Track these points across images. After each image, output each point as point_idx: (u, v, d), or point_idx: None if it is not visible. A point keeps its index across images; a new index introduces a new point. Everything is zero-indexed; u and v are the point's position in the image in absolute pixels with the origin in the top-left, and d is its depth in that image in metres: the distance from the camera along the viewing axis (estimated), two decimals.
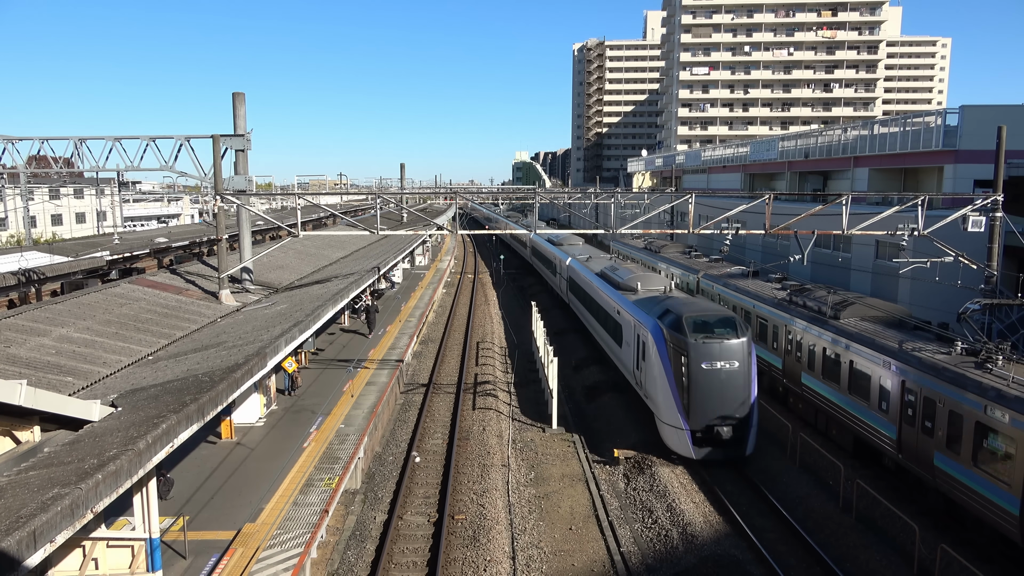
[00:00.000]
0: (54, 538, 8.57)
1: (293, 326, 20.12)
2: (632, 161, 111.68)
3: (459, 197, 27.99)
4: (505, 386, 30.41)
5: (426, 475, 21.22)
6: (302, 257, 40.50)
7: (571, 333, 39.90)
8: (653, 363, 22.35)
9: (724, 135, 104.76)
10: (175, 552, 14.36)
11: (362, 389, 25.96)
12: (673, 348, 21.34)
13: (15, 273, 28.05)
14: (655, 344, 22.23)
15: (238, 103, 28.04)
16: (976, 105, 36.91)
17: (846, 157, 46.71)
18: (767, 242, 45.43)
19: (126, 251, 39.91)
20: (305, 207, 70.96)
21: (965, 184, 35.08)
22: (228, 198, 26.46)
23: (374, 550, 16.87)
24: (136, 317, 21.83)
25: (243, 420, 21.78)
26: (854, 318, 22.48)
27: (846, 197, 23.53)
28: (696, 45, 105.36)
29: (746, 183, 65.14)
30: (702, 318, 21.75)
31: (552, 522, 18.72)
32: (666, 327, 21.94)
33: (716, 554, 16.37)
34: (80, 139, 28.53)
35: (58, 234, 73.75)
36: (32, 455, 11.18)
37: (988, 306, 20.68)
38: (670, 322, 22.01)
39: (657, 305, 24.14)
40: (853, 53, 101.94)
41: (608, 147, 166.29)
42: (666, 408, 21.48)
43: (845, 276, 37.51)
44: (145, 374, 16.42)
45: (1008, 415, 14.81)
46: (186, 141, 28.43)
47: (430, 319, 43.93)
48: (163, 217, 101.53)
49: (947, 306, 26.79)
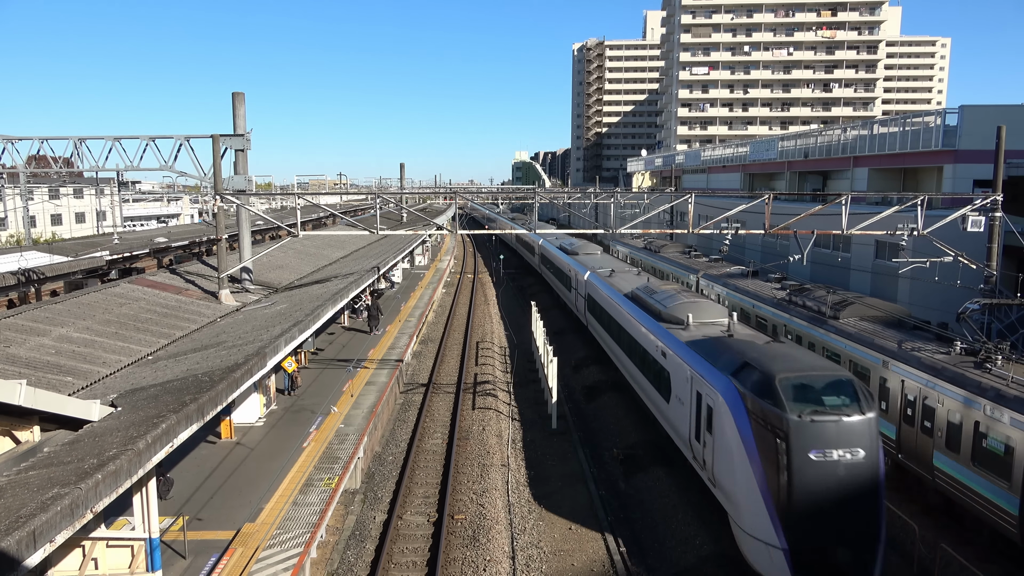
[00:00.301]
0: (54, 538, 8.57)
1: (293, 326, 20.12)
2: (632, 161, 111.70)
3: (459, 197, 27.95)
4: (505, 386, 30.41)
5: (426, 475, 21.22)
6: (302, 257, 40.51)
7: (571, 333, 39.91)
8: (728, 443, 15.50)
9: (724, 135, 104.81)
10: (175, 552, 14.36)
11: (362, 389, 25.96)
12: (761, 425, 14.55)
13: (15, 273, 28.07)
14: (732, 416, 15.37)
15: (238, 103, 28.05)
16: (975, 105, 36.95)
17: (846, 157, 46.73)
18: (767, 242, 45.44)
19: (126, 251, 39.92)
20: (305, 207, 70.99)
21: (964, 184, 35.10)
22: (228, 198, 26.47)
23: (374, 550, 16.88)
24: (136, 317, 21.83)
25: (243, 420, 21.78)
26: (853, 318, 22.48)
27: (845, 197, 23.53)
28: (696, 45, 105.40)
29: (746, 183, 65.17)
30: (805, 380, 14.88)
31: (552, 522, 18.73)
32: (749, 391, 15.10)
33: (716, 553, 16.37)
34: (80, 139, 28.54)
35: (58, 234, 73.74)
36: (32, 455, 11.18)
37: (987, 306, 20.70)
38: (755, 384, 15.13)
39: (726, 352, 17.46)
40: (852, 53, 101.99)
41: (608, 147, 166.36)
42: (749, 512, 14.68)
43: (845, 276, 37.52)
44: (145, 374, 16.42)
45: (1007, 415, 14.82)
46: (186, 141, 28.43)
47: (430, 319, 43.92)
48: (163, 217, 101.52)
49: (947, 306, 26.79)
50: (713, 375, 16.81)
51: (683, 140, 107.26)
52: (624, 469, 21.79)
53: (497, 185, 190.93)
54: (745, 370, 15.85)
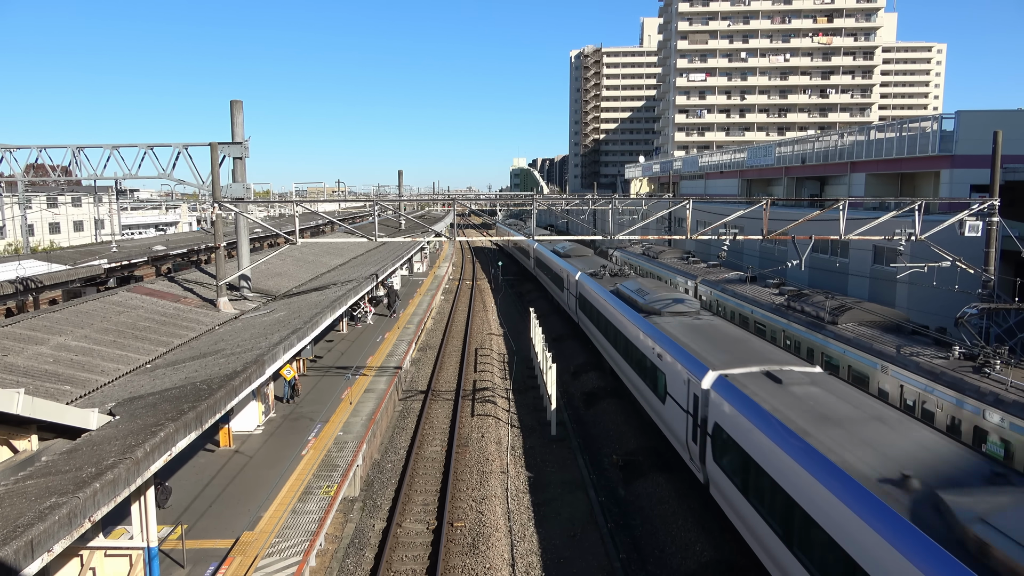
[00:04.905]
0: (51, 547, 8.53)
1: (291, 333, 20.09)
2: (630, 167, 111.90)
3: (457, 204, 27.90)
4: (504, 393, 30.37)
5: (425, 482, 21.17)
6: (300, 264, 40.49)
7: (569, 339, 39.89)
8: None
9: (721, 141, 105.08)
10: (173, 561, 14.31)
11: (360, 396, 25.91)
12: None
13: (13, 282, 28.05)
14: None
15: (236, 111, 28.08)
16: (972, 110, 37.06)
17: (843, 162, 46.85)
18: (765, 247, 45.49)
19: (124, 259, 39.91)
20: (303, 214, 71.04)
21: (962, 189, 35.18)
22: (226, 206, 26.47)
23: (373, 558, 16.82)
24: (134, 325, 21.80)
25: (241, 428, 21.73)
26: (852, 323, 22.51)
27: (843, 202, 23.58)
28: (693, 51, 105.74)
29: (743, 189, 65.28)
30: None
31: (552, 529, 18.68)
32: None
33: (716, 560, 16.33)
34: (78, 147, 28.54)
35: (56, 242, 73.68)
36: (30, 464, 11.15)
37: (985, 310, 20.73)
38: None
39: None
40: (849, 59, 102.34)
41: (606, 153, 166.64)
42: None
43: (843, 281, 37.56)
44: (143, 382, 16.38)
45: (1006, 419, 14.82)
46: (184, 149, 28.44)
47: (428, 326, 43.90)
48: (161, 225, 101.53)
49: (945, 310, 26.85)
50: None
51: (681, 146, 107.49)
52: (624, 475, 21.73)
53: (495, 192, 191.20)
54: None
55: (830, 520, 11.32)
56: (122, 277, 37.98)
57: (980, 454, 12.05)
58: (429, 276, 62.55)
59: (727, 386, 16.33)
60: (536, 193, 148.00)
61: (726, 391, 16.17)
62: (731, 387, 16.18)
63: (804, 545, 12.21)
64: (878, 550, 10.12)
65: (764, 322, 26.97)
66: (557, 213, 42.43)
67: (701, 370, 17.79)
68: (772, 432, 13.60)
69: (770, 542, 13.61)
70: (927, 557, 9.34)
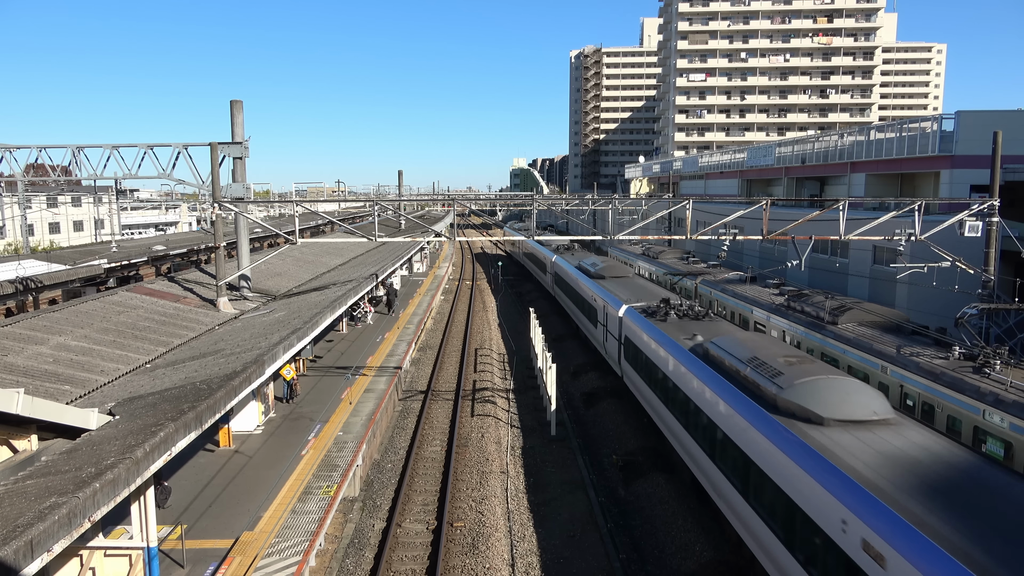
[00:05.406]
0: (51, 547, 8.53)
1: (291, 333, 20.09)
2: (630, 167, 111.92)
3: (457, 204, 27.82)
4: (504, 393, 30.37)
5: (425, 482, 21.17)
6: (300, 264, 40.48)
7: (569, 339, 39.89)
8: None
9: (721, 141, 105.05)
10: (173, 561, 14.30)
11: (360, 396, 25.91)
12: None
13: (12, 281, 28.05)
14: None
15: (236, 111, 28.08)
16: (972, 111, 37.06)
17: (843, 163, 46.84)
18: (765, 248, 45.49)
19: (124, 259, 39.92)
20: (303, 214, 71.01)
21: (962, 189, 35.18)
22: (226, 206, 26.46)
23: (373, 558, 16.82)
24: (134, 325, 21.79)
25: (241, 428, 21.73)
26: (852, 323, 22.51)
27: (843, 202, 23.58)
28: (693, 52, 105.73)
29: (743, 189, 65.28)
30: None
31: (551, 529, 18.67)
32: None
33: (716, 560, 16.32)
34: (78, 147, 28.53)
35: (56, 242, 73.67)
36: (29, 464, 11.15)
37: (985, 311, 20.73)
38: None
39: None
40: (849, 59, 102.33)
41: (606, 153, 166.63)
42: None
43: (843, 281, 37.56)
44: (143, 382, 16.38)
45: (1006, 419, 14.82)
46: (184, 149, 28.44)
47: (428, 326, 43.89)
48: (161, 225, 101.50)
49: (945, 311, 26.84)
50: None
51: (681, 146, 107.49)
52: (624, 476, 21.73)
53: (495, 192, 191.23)
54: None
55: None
56: (122, 277, 37.98)
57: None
58: (429, 276, 62.54)
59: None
60: (536, 193, 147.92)
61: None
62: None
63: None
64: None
65: (764, 322, 26.97)
66: (557, 213, 42.40)
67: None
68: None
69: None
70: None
